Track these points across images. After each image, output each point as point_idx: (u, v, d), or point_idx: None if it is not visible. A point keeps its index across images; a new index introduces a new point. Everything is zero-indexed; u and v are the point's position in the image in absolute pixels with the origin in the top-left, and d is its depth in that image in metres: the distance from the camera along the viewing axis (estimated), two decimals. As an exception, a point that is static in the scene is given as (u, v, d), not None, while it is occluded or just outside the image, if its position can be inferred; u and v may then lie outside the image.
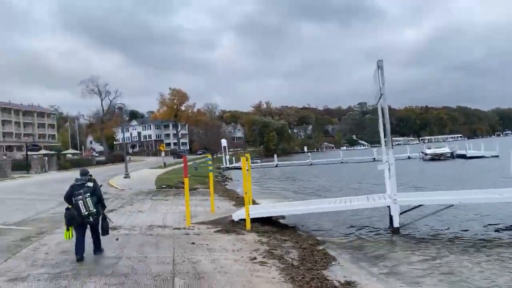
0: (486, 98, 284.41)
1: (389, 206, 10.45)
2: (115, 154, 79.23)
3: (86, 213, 7.14)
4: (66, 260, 7.24)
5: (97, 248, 7.73)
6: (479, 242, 9.32)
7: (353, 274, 7.04)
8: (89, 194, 7.21)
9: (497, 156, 41.60)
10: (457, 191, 11.62)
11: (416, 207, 11.09)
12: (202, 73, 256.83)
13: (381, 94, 10.08)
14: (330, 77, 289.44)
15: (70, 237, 7.28)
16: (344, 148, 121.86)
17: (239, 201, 17.43)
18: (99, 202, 7.55)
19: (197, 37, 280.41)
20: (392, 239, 9.81)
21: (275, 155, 60.02)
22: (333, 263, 7.72)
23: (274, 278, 6.50)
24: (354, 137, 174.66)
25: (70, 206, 7.26)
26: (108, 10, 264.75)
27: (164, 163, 47.56)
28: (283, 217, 12.68)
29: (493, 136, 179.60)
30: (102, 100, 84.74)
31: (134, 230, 10.21)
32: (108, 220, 7.80)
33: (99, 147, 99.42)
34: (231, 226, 10.74)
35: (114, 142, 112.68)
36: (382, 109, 10.10)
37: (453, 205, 10.07)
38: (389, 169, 10.28)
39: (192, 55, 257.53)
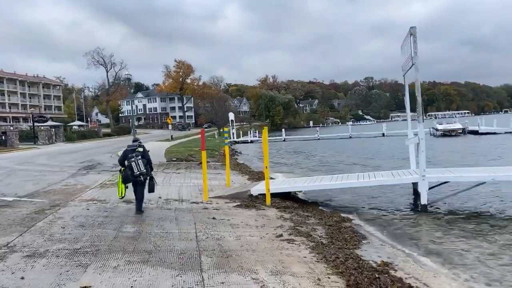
0: (495, 74, 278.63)
1: (416, 182, 10.00)
2: (121, 126, 79.13)
3: (138, 172, 8.27)
4: (84, 235, 6.89)
5: (139, 208, 8.69)
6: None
7: (388, 254, 6.65)
8: (140, 157, 8.35)
9: (511, 132, 40.84)
10: (488, 168, 11.09)
11: (442, 183, 10.62)
12: (207, 46, 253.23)
13: (412, 64, 9.42)
14: (337, 51, 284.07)
15: (123, 195, 8.71)
16: (351, 123, 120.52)
17: (253, 175, 17.09)
18: (148, 164, 8.57)
19: (201, 9, 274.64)
20: (420, 216, 9.39)
21: (283, 130, 59.40)
22: (363, 241, 7.32)
23: (305, 257, 6.12)
24: (360, 112, 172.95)
25: (123, 168, 8.57)
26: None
27: (171, 136, 47.23)
28: (301, 192, 12.30)
29: (500, 112, 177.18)
30: (107, 72, 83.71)
31: (150, 204, 9.86)
32: (154, 181, 8.86)
33: (104, 119, 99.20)
34: (249, 201, 10.38)
35: (120, 115, 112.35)
36: (415, 81, 9.46)
37: (485, 182, 9.58)
38: (418, 144, 9.74)
39: (196, 27, 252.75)
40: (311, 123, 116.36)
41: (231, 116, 53.07)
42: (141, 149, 8.51)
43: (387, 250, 6.91)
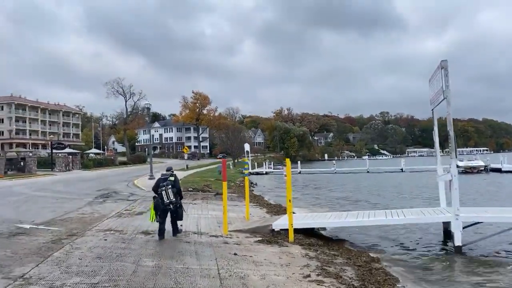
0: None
1: (448, 222, 9.47)
2: (137, 155, 79.81)
3: (168, 201, 8.72)
4: (102, 268, 6.54)
5: (175, 231, 9.23)
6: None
7: (427, 301, 6.11)
8: (170, 186, 8.80)
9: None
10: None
11: (475, 223, 10.03)
12: (223, 78, 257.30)
13: (444, 98, 9.12)
14: (351, 85, 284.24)
15: (153, 220, 8.93)
16: (366, 157, 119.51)
17: (271, 208, 16.66)
18: (178, 193, 9.02)
19: (219, 43, 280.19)
20: (454, 259, 8.79)
21: (299, 162, 58.89)
22: (397, 285, 6.79)
23: (337, 301, 5.65)
24: (376, 146, 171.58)
25: (156, 195, 8.97)
26: (132, 14, 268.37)
27: (187, 165, 47.22)
28: (324, 228, 11.80)
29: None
30: (126, 101, 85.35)
31: (169, 236, 9.49)
32: (182, 209, 9.23)
33: (121, 148, 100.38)
34: (271, 236, 9.96)
35: (136, 143, 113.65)
36: (447, 115, 9.12)
37: (524, 224, 9.01)
38: (450, 181, 9.27)
39: (214, 60, 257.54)
40: (325, 156, 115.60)
41: (247, 147, 52.77)
42: (172, 178, 9.00)
43: (426, 297, 6.36)
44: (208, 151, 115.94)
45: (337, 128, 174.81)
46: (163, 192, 8.69)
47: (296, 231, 9.96)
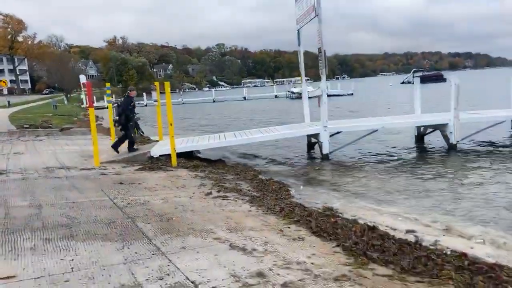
0: (328, 44, 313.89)
1: (311, 135, 10.48)
2: None
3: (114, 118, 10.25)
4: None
5: (130, 146, 10.34)
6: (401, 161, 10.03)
7: (322, 200, 6.73)
8: (117, 105, 10.08)
9: (352, 94, 46.86)
10: (377, 118, 12.26)
11: (336, 133, 11.31)
12: (38, 1, 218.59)
13: (316, 15, 9.50)
14: (188, 16, 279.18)
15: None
16: (207, 88, 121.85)
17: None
18: (123, 112, 9.93)
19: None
20: (326, 164, 9.84)
21: (144, 95, 55.90)
22: (293, 191, 7.26)
23: (250, 211, 5.73)
24: (215, 78, 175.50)
25: None
26: None
27: (8, 101, 40.06)
28: (198, 151, 11.67)
29: (333, 79, 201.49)
30: None
31: (29, 174, 8.04)
32: (130, 130, 10.40)
33: None
34: (151, 163, 9.37)
35: None
36: (318, 32, 9.55)
37: (377, 130, 10.53)
38: (320, 96, 10.04)
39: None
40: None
41: (83, 78, 46.91)
42: (122, 99, 10.33)
43: (318, 197, 6.99)
44: (30, 86, 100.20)
45: (177, 59, 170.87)
46: (113, 109, 10.22)
47: (177, 156, 9.60)
